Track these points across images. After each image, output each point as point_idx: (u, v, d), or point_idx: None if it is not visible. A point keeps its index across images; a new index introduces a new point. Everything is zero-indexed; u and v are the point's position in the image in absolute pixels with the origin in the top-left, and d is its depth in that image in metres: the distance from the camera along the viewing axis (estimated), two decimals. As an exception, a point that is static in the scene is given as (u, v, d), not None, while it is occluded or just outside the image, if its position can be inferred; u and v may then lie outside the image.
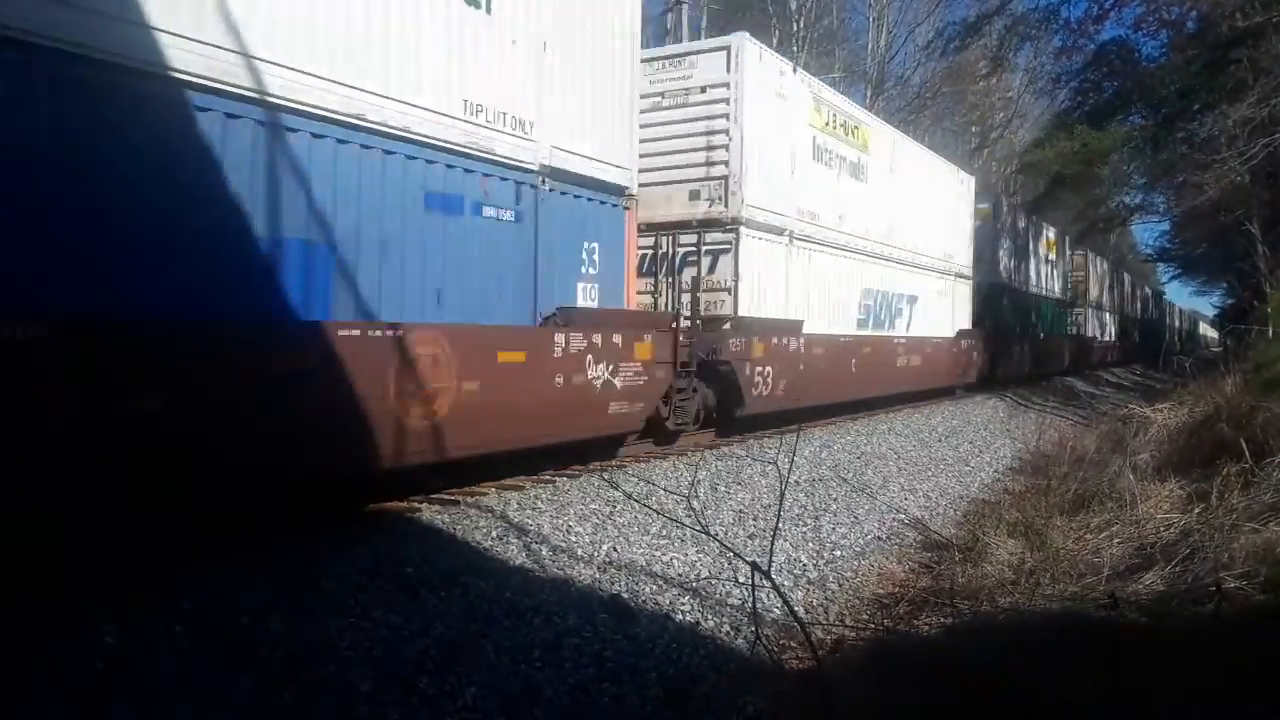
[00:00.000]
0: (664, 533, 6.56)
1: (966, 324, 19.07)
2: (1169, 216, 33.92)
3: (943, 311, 17.69)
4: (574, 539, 6.19)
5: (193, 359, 4.56)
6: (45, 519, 4.34)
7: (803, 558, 6.97)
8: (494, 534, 5.96)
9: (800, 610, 5.68)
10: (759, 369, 10.50)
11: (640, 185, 10.15)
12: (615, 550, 6.14)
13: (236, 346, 4.81)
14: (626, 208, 8.53)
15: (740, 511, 7.62)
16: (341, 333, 5.38)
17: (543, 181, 7.28)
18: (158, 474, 4.47)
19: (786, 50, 23.03)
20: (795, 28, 27.00)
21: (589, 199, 7.97)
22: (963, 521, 8.98)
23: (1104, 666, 3.93)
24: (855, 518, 8.29)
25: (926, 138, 25.41)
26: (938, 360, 17.10)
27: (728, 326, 10.17)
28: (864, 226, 13.77)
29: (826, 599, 6.37)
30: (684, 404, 9.36)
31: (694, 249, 10.35)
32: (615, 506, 6.92)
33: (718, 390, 10.17)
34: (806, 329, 11.76)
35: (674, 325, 8.79)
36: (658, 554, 6.22)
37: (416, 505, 6.41)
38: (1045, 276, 26.57)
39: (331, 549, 5.28)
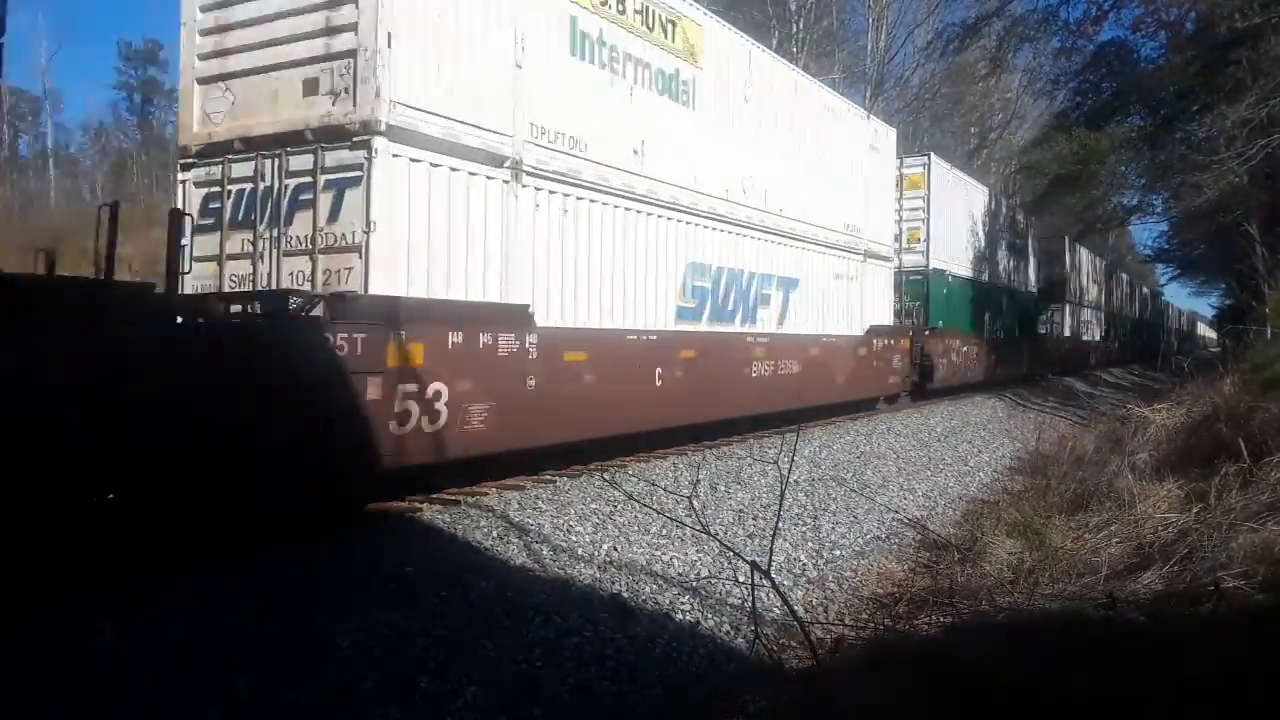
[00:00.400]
0: (664, 532, 6.57)
1: (886, 319, 15.03)
2: (1167, 217, 33.99)
3: (845, 302, 13.44)
4: (574, 539, 6.20)
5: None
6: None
7: (802, 557, 6.98)
8: (495, 534, 5.97)
9: (800, 610, 5.69)
10: (416, 388, 6.06)
11: (230, 72, 6.58)
12: (616, 550, 6.15)
13: None
14: None
15: (740, 511, 7.63)
16: None
17: None
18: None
19: (786, 51, 23.05)
20: (795, 29, 27.03)
21: None
22: (962, 521, 9.00)
23: (1103, 666, 3.93)
24: (854, 517, 8.30)
25: (926, 138, 25.37)
26: (833, 366, 12.84)
27: (318, 311, 5.66)
28: (689, 173, 9.38)
29: (826, 598, 6.38)
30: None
31: (310, 179, 6.23)
32: (615, 506, 6.93)
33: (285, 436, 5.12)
34: (561, 319, 7.59)
35: None
36: (658, 553, 6.23)
37: (417, 505, 6.41)
38: (1014, 267, 23.55)
39: (331, 549, 5.28)
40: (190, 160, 6.88)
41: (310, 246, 6.24)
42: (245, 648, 4.02)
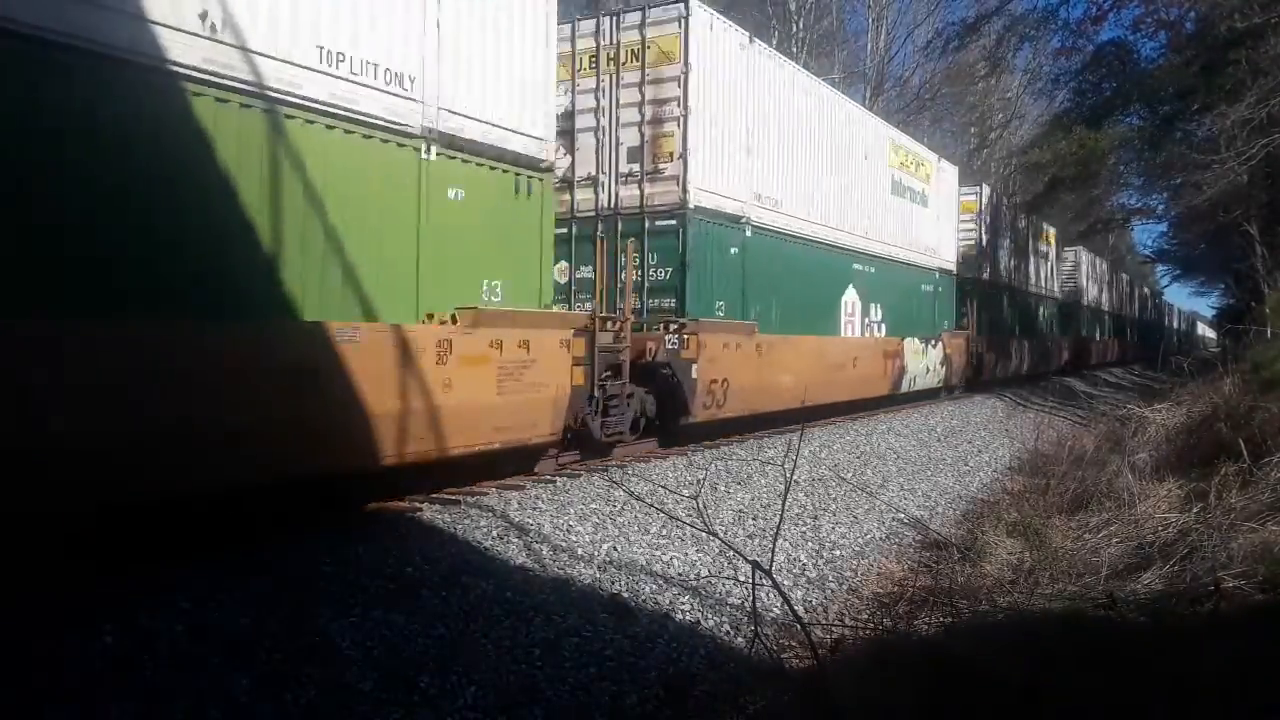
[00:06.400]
0: (664, 532, 6.57)
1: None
2: (1167, 217, 33.98)
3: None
4: (574, 538, 6.19)
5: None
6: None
7: (802, 557, 6.98)
8: (495, 533, 5.96)
9: (800, 610, 5.69)
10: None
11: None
12: (615, 550, 6.15)
13: None
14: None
15: (740, 511, 7.63)
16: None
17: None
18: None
19: (786, 51, 23.05)
20: (795, 29, 27.02)
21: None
22: (962, 521, 9.00)
23: (1103, 666, 3.93)
24: (854, 517, 8.30)
25: (926, 138, 25.39)
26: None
27: None
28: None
29: (826, 598, 6.38)
30: None
31: None
32: (615, 506, 6.93)
33: None
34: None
35: None
36: (658, 553, 6.23)
37: (417, 505, 6.41)
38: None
39: (331, 549, 5.28)
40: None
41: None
42: (245, 647, 4.02)
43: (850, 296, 13.47)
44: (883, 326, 14.54)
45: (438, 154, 6.25)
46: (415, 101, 6.04)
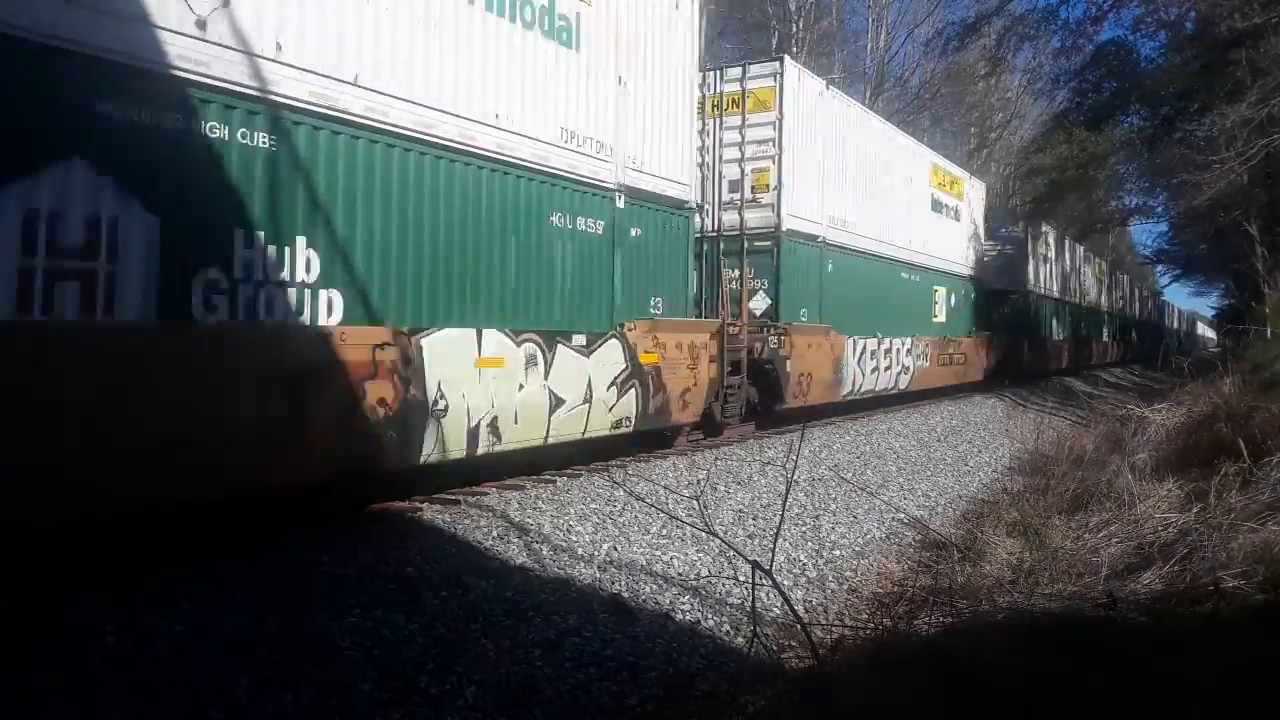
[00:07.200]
0: (664, 532, 6.57)
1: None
2: (1167, 217, 34.00)
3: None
4: (574, 538, 6.19)
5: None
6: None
7: (802, 557, 6.98)
8: (495, 533, 5.96)
9: (800, 610, 5.69)
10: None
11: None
12: (615, 550, 6.15)
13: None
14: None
15: (740, 511, 7.63)
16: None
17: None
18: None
19: (786, 50, 23.06)
20: (795, 29, 27.02)
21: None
22: (961, 521, 8.99)
23: (1103, 666, 3.93)
24: (854, 517, 8.30)
25: (926, 138, 25.38)
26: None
27: None
28: None
29: (826, 598, 6.38)
30: None
31: None
32: (615, 506, 6.93)
33: None
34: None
35: None
36: (658, 553, 6.23)
37: (418, 505, 6.41)
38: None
39: (331, 549, 5.28)
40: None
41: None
42: (245, 647, 4.02)
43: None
44: (330, 299, 5.51)
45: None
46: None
